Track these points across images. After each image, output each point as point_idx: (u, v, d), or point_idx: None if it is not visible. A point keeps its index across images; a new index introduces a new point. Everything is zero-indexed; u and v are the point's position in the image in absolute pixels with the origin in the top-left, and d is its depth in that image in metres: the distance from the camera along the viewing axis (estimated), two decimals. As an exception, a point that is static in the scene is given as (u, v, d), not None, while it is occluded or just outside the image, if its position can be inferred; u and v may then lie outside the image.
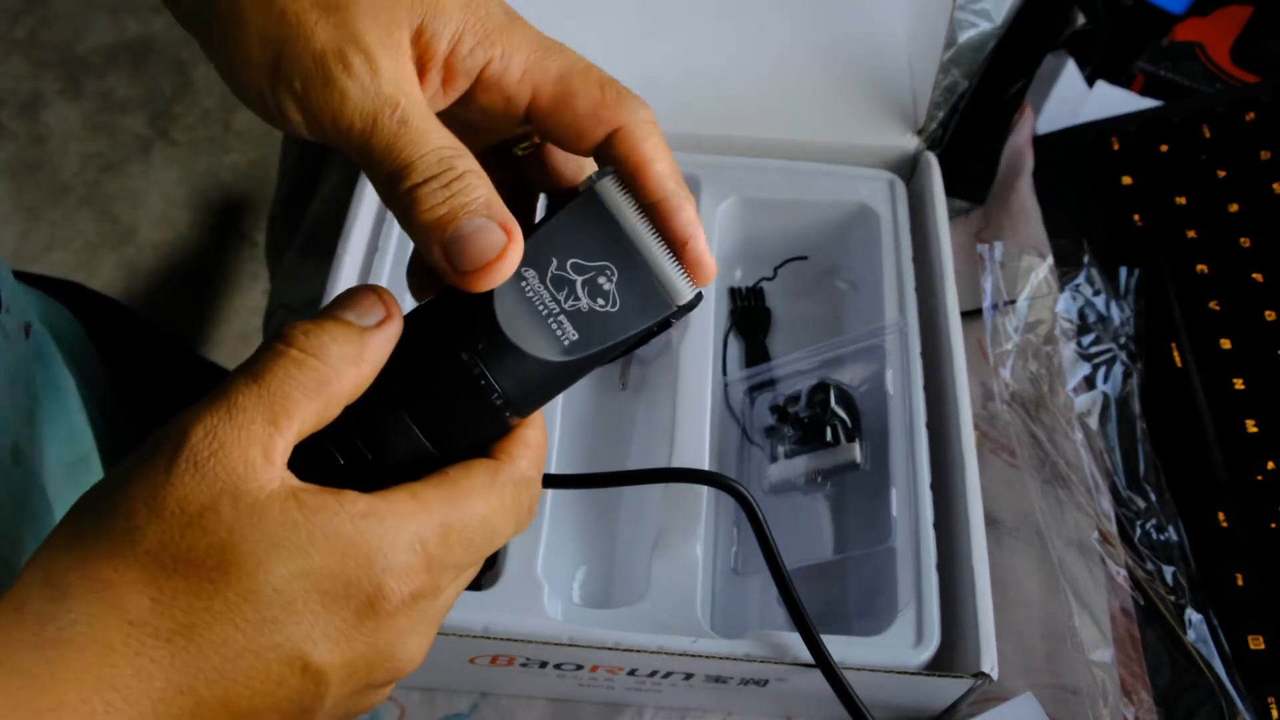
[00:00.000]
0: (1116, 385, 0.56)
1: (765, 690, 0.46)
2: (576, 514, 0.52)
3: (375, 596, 0.28)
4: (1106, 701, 0.48)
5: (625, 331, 0.31)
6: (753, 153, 0.59)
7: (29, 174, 1.68)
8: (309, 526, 0.27)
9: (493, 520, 0.30)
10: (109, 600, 0.26)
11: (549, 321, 0.31)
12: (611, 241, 0.31)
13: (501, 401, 0.31)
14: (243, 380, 0.28)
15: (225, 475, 0.27)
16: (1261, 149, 0.62)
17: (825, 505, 0.52)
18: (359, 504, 0.28)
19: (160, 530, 0.26)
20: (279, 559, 0.27)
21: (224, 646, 0.26)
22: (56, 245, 1.63)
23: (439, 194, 0.29)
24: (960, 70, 0.63)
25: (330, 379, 0.28)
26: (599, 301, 0.31)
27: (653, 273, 0.32)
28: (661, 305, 0.32)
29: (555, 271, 0.31)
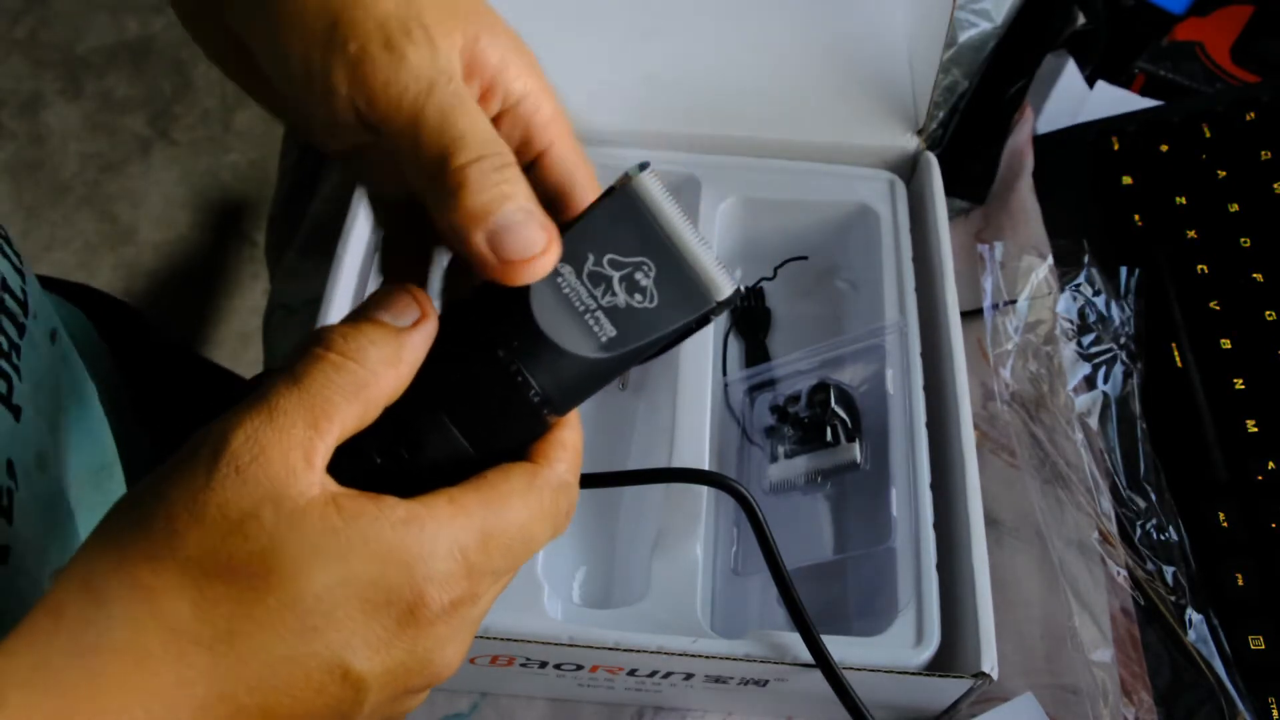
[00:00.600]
0: (1116, 385, 0.56)
1: (765, 690, 0.46)
2: (577, 514, 0.52)
3: (416, 604, 0.27)
4: (1106, 701, 0.48)
5: (664, 328, 0.31)
6: (753, 153, 0.59)
7: (29, 174, 1.68)
8: (349, 533, 0.26)
9: (531, 526, 0.30)
10: (149, 606, 0.25)
11: (586, 318, 0.30)
12: (648, 237, 0.31)
13: (539, 399, 0.30)
14: (283, 383, 0.27)
15: (267, 480, 0.26)
16: (1261, 149, 0.62)
17: (825, 505, 0.52)
18: (399, 510, 0.27)
19: (201, 535, 0.26)
20: (320, 566, 0.26)
21: (265, 654, 0.26)
22: (56, 245, 1.63)
23: (490, 176, 0.28)
24: (960, 70, 0.63)
25: (369, 381, 0.28)
26: (636, 297, 0.31)
27: (691, 268, 0.31)
28: (701, 300, 0.31)
29: (592, 267, 0.31)
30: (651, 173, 0.31)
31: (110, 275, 1.60)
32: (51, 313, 0.50)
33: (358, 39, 0.29)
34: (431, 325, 0.30)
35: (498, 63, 0.31)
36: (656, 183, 0.31)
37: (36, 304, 0.47)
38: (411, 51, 0.29)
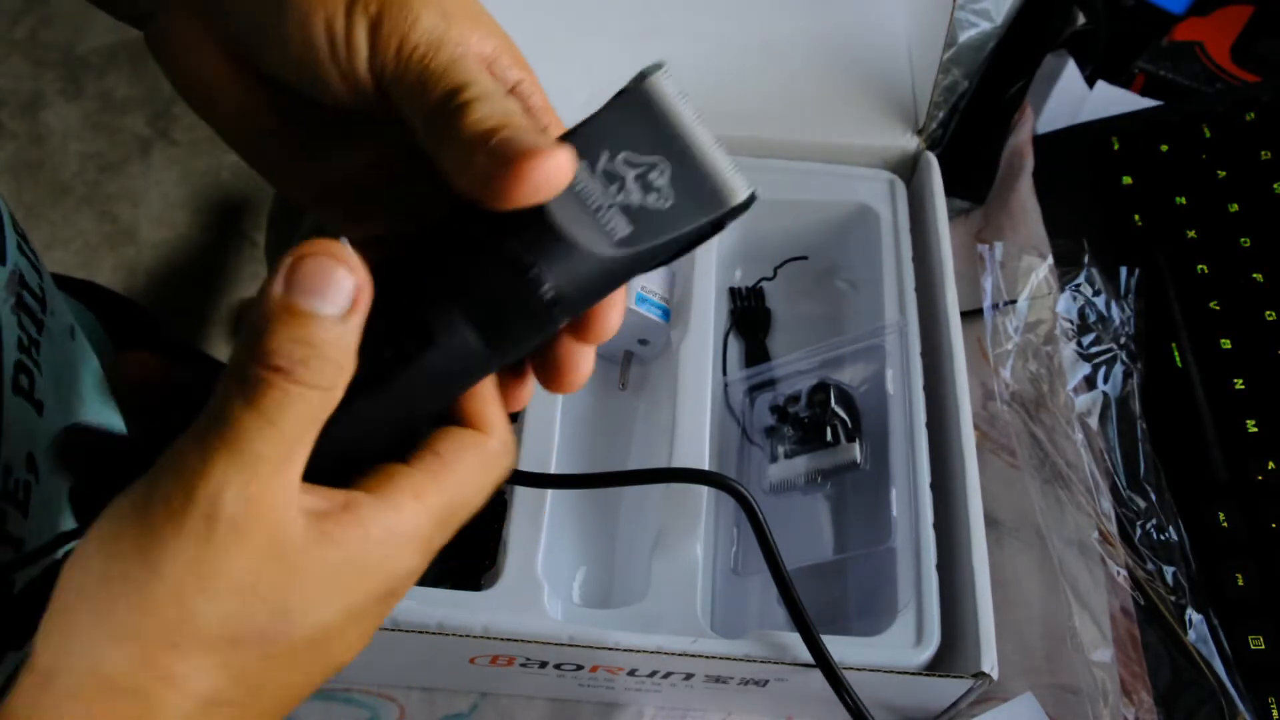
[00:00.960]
0: (1116, 385, 0.56)
1: (765, 690, 0.46)
2: (576, 514, 0.52)
3: (391, 597, 0.30)
4: (1106, 701, 0.48)
5: (678, 228, 0.30)
6: (753, 153, 0.59)
7: (29, 174, 1.68)
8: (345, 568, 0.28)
9: (480, 493, 0.32)
10: (186, 690, 0.26)
11: (599, 215, 0.30)
12: (664, 136, 0.30)
13: (551, 295, 0.29)
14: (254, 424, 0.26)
15: (264, 535, 0.26)
16: (1261, 149, 0.62)
17: (825, 505, 0.52)
18: (375, 527, 0.28)
19: (219, 610, 0.26)
20: (327, 604, 0.28)
21: (288, 687, 0.29)
22: (56, 245, 1.63)
23: (494, 103, 0.29)
24: (960, 70, 0.63)
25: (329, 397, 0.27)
26: (651, 197, 0.30)
27: (708, 170, 0.30)
28: (717, 203, 0.31)
29: (605, 165, 0.30)
30: (666, 72, 0.31)
31: (110, 275, 1.60)
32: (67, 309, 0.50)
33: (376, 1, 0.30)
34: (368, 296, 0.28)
35: (492, 52, 0.32)
36: (672, 82, 0.31)
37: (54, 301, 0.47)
38: (425, 15, 0.30)
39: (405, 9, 0.30)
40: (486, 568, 0.50)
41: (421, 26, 0.30)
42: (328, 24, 0.30)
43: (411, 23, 0.30)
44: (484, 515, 0.51)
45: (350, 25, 0.30)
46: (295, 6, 0.31)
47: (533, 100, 0.33)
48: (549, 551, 0.47)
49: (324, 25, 0.30)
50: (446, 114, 0.29)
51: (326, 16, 0.30)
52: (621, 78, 0.33)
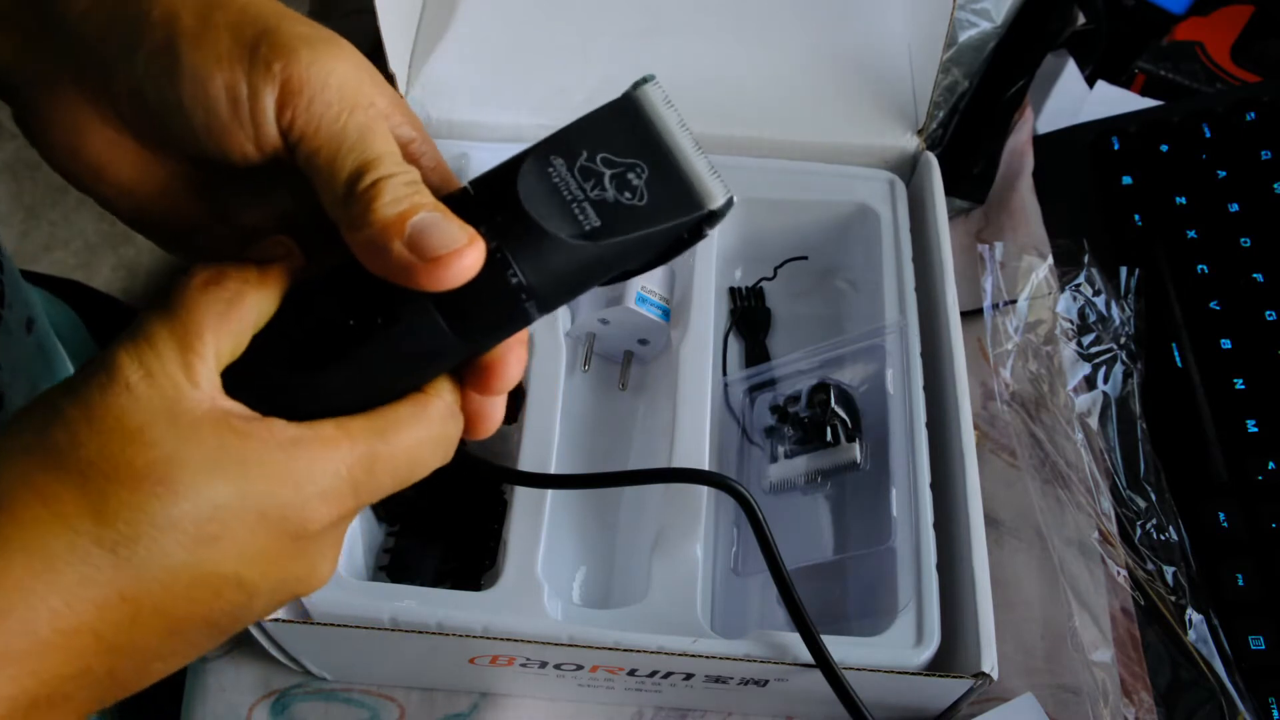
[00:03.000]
0: (1116, 385, 0.56)
1: (765, 690, 0.46)
2: (576, 514, 0.52)
3: (305, 520, 0.29)
4: (1107, 701, 0.48)
5: (650, 225, 0.30)
6: (753, 153, 0.59)
7: (29, 174, 1.68)
8: (243, 450, 0.28)
9: (419, 450, 0.31)
10: (52, 509, 0.26)
11: (572, 205, 0.30)
12: (645, 141, 0.31)
13: (517, 281, 0.30)
14: (155, 314, 0.29)
15: (158, 396, 0.28)
16: (1261, 149, 0.62)
17: (825, 505, 0.52)
18: (287, 431, 0.29)
19: (101, 444, 0.27)
20: (219, 479, 0.28)
21: (166, 559, 0.27)
22: (56, 245, 1.63)
23: (402, 188, 0.29)
24: (960, 70, 0.63)
25: (235, 301, 0.29)
26: (626, 195, 0.30)
27: (685, 173, 0.31)
28: (691, 205, 0.31)
29: (584, 163, 0.30)
30: (656, 84, 0.31)
31: (110, 275, 1.60)
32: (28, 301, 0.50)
33: (281, 57, 0.30)
34: (294, 257, 0.31)
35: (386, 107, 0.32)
36: (659, 92, 0.31)
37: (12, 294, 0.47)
38: (338, 69, 0.30)
39: (315, 64, 0.30)
40: (486, 568, 0.50)
41: (334, 84, 0.30)
42: (229, 88, 0.30)
43: (323, 80, 0.30)
44: (484, 515, 0.52)
45: (255, 86, 0.30)
46: (190, 73, 0.30)
47: (424, 160, 0.33)
48: (549, 551, 0.47)
49: (225, 90, 0.30)
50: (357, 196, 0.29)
51: (226, 80, 0.30)
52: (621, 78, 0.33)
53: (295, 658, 0.48)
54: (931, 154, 0.59)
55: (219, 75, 0.30)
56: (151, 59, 0.30)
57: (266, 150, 0.31)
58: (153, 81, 0.30)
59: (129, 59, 0.30)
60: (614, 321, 0.55)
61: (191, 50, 0.30)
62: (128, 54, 0.30)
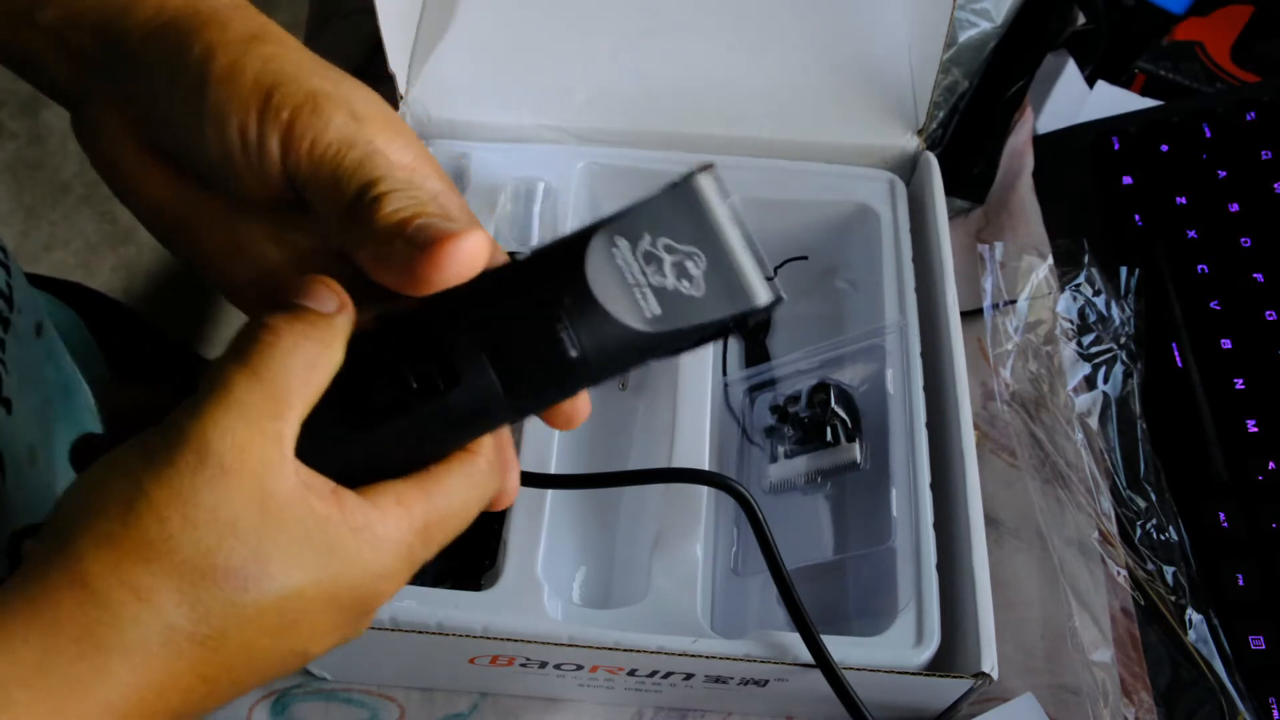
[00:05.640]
0: (1116, 385, 0.56)
1: (765, 690, 0.46)
2: (576, 514, 0.52)
3: (370, 599, 0.31)
4: (1107, 702, 0.48)
5: (705, 317, 0.32)
6: (753, 153, 0.59)
7: (29, 174, 1.68)
8: (322, 538, 0.29)
9: (466, 511, 0.33)
10: (151, 607, 0.27)
11: (635, 291, 0.31)
12: (703, 230, 0.32)
13: (578, 356, 0.31)
14: (241, 375, 0.29)
15: (250, 479, 0.28)
16: (1261, 149, 0.62)
17: (825, 505, 0.52)
18: (357, 517, 0.30)
19: (196, 539, 0.27)
20: (301, 567, 0.29)
21: (250, 645, 0.29)
22: (56, 245, 1.63)
23: (405, 198, 0.31)
24: (960, 70, 0.63)
25: (315, 366, 0.30)
26: (684, 284, 0.32)
27: (739, 269, 0.32)
28: (743, 300, 0.32)
29: (647, 247, 0.32)
30: (713, 173, 0.32)
31: (110, 275, 1.60)
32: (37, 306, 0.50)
33: (289, 106, 0.32)
34: (350, 312, 0.31)
35: (411, 162, 0.34)
36: (716, 183, 0.32)
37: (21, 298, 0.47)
38: (336, 116, 0.32)
39: (318, 113, 0.32)
40: (486, 568, 0.50)
41: (334, 127, 0.32)
42: (241, 129, 0.32)
43: (324, 125, 0.32)
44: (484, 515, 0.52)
45: (263, 130, 0.32)
46: (212, 107, 0.32)
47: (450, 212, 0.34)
48: (549, 551, 0.47)
49: (238, 130, 0.32)
50: (361, 208, 0.31)
51: (240, 121, 0.32)
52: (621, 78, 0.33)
53: (295, 658, 0.48)
54: (931, 154, 0.59)
55: (235, 117, 0.32)
56: (185, 94, 0.32)
57: (272, 190, 0.32)
58: (183, 115, 0.33)
59: (168, 91, 0.33)
60: (614, 321, 0.55)
61: (217, 89, 0.32)
62: (167, 86, 0.33)
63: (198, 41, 0.32)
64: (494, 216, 0.57)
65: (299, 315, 0.31)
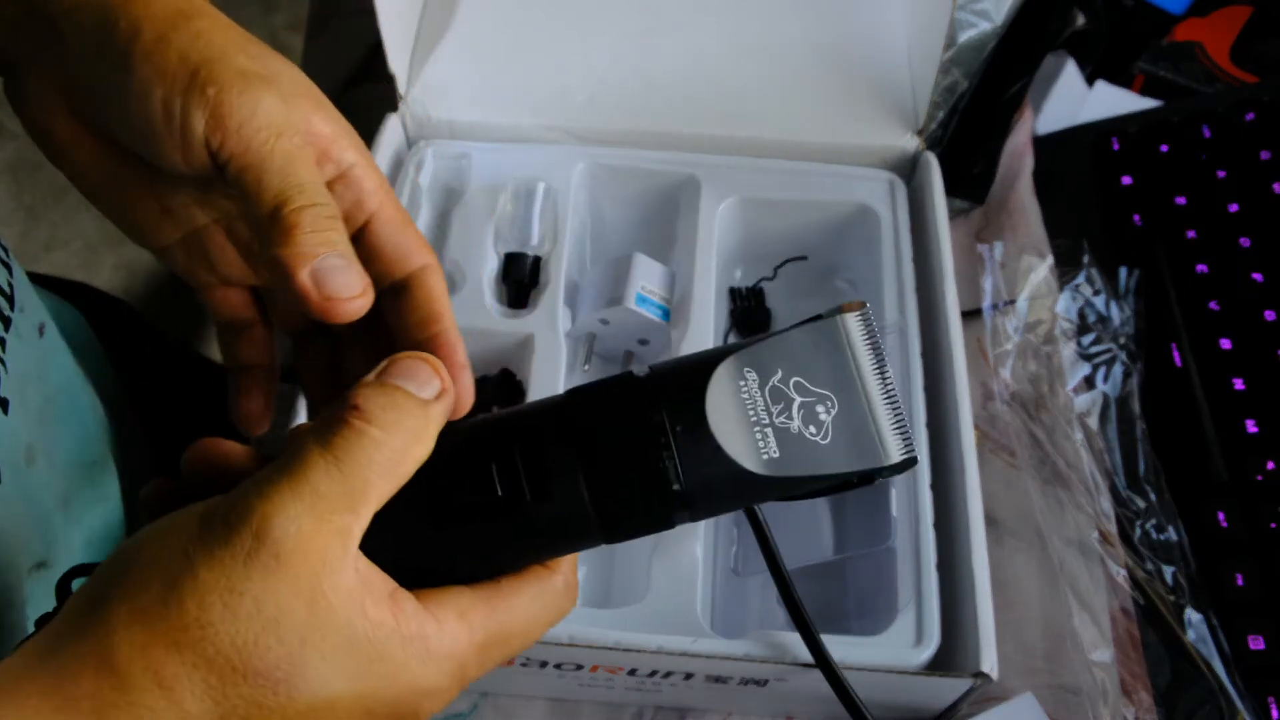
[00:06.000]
0: (1116, 385, 0.56)
1: (765, 690, 0.46)
2: (576, 514, 0.52)
3: (408, 715, 0.29)
4: (1106, 701, 0.48)
5: (827, 468, 0.29)
6: (753, 153, 0.59)
7: (29, 174, 1.68)
8: (369, 646, 0.27)
9: (532, 629, 0.31)
10: (172, 697, 0.26)
11: (755, 429, 0.29)
12: (841, 375, 0.30)
13: (679, 489, 0.29)
14: (321, 459, 0.27)
15: (307, 574, 0.26)
16: (1261, 149, 0.62)
17: (825, 505, 0.52)
18: (411, 626, 0.28)
19: (233, 630, 0.26)
20: (340, 675, 0.27)
21: None
22: (56, 245, 1.63)
23: (321, 221, 0.31)
24: (960, 70, 0.63)
25: (402, 460, 0.28)
26: (811, 429, 0.29)
27: (873, 421, 0.30)
28: (872, 456, 0.29)
29: (777, 383, 0.29)
30: (863, 314, 0.30)
31: (110, 275, 1.60)
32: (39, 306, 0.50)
33: (216, 84, 0.31)
34: (451, 397, 0.30)
35: (330, 134, 0.34)
36: (865, 325, 0.30)
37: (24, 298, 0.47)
38: (265, 98, 0.32)
39: (246, 93, 0.31)
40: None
41: (262, 112, 0.32)
42: (165, 103, 0.32)
43: (253, 106, 0.31)
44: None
45: (187, 107, 0.31)
46: (136, 81, 0.32)
47: (366, 183, 0.35)
48: (549, 551, 0.47)
49: (161, 104, 0.32)
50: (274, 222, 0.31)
51: (164, 96, 0.32)
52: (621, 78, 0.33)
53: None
54: (931, 154, 0.59)
55: (159, 90, 0.32)
56: (111, 67, 0.32)
57: (195, 165, 0.32)
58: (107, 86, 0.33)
59: (93, 63, 0.33)
60: (614, 321, 0.55)
61: (142, 64, 0.32)
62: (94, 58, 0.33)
63: (123, 16, 0.32)
64: (494, 216, 0.57)
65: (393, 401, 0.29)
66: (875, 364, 0.30)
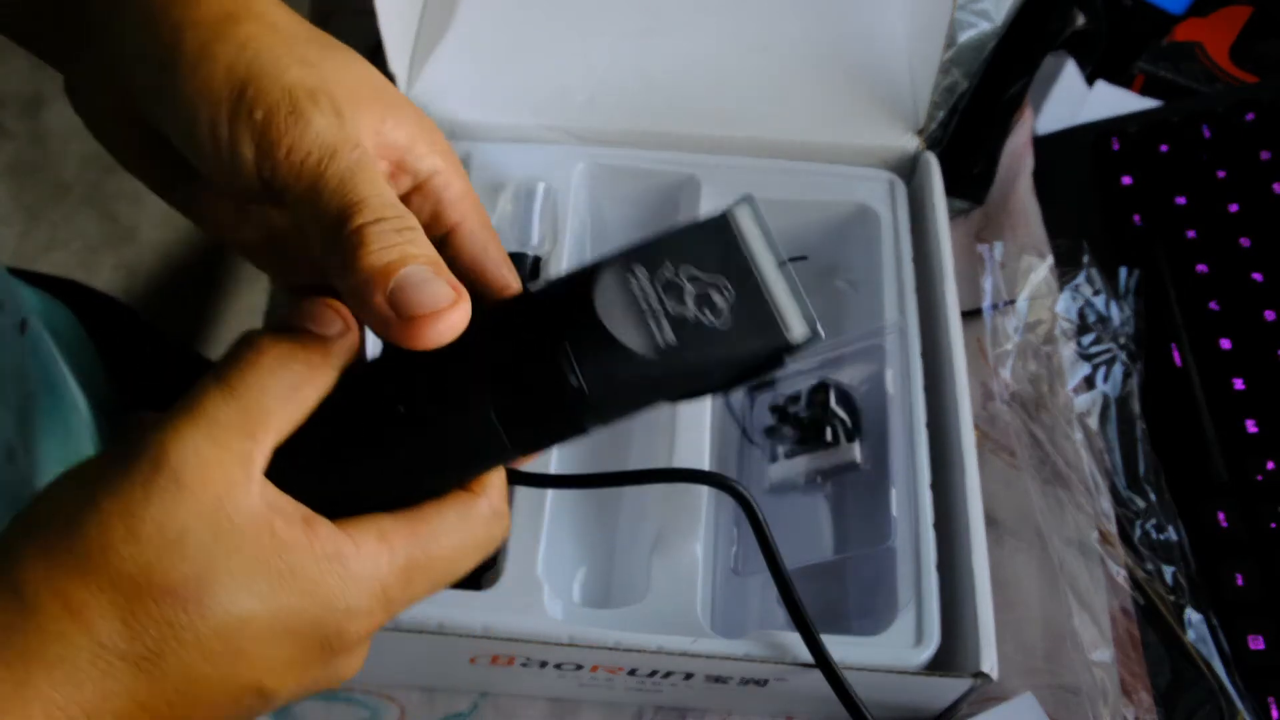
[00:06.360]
0: (1116, 385, 0.56)
1: (765, 690, 0.46)
2: (576, 514, 0.52)
3: (334, 637, 0.28)
4: (1106, 701, 0.48)
5: (727, 350, 0.29)
6: (753, 153, 0.59)
7: (29, 174, 1.68)
8: (280, 563, 0.27)
9: (458, 557, 0.30)
10: (81, 622, 0.26)
11: (648, 318, 0.29)
12: (733, 261, 0.29)
13: (577, 385, 0.28)
14: (218, 392, 0.28)
15: (206, 496, 0.27)
16: (1261, 149, 0.62)
17: (825, 505, 0.52)
18: (327, 545, 0.28)
19: (137, 553, 0.26)
20: (250, 593, 0.27)
21: (190, 672, 0.27)
22: (56, 245, 1.63)
23: (390, 236, 0.28)
24: (960, 70, 0.63)
25: (299, 388, 0.29)
26: (707, 314, 0.29)
27: (771, 300, 0.29)
28: (773, 335, 0.29)
29: (668, 276, 0.29)
30: (750, 205, 0.30)
31: (110, 275, 1.60)
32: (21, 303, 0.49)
33: (263, 106, 0.29)
34: (354, 335, 0.30)
35: (405, 141, 0.31)
36: (754, 214, 0.30)
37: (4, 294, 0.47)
38: (316, 117, 0.29)
39: (295, 113, 0.29)
40: (486, 568, 0.50)
41: (313, 132, 0.29)
42: (211, 126, 0.29)
43: (302, 130, 0.29)
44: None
45: (234, 133, 0.29)
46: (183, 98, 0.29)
47: (448, 192, 0.32)
48: (549, 551, 0.47)
49: (209, 127, 0.29)
50: (340, 240, 0.28)
51: (210, 118, 0.29)
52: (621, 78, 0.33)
53: (295, 658, 0.48)
54: (931, 154, 0.59)
55: (205, 111, 0.29)
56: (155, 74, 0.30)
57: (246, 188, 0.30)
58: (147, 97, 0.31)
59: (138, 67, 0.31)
60: (614, 321, 0.55)
61: (186, 80, 0.29)
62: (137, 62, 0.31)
63: (165, 20, 0.30)
64: (494, 216, 0.57)
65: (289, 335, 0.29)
66: (768, 249, 0.30)
